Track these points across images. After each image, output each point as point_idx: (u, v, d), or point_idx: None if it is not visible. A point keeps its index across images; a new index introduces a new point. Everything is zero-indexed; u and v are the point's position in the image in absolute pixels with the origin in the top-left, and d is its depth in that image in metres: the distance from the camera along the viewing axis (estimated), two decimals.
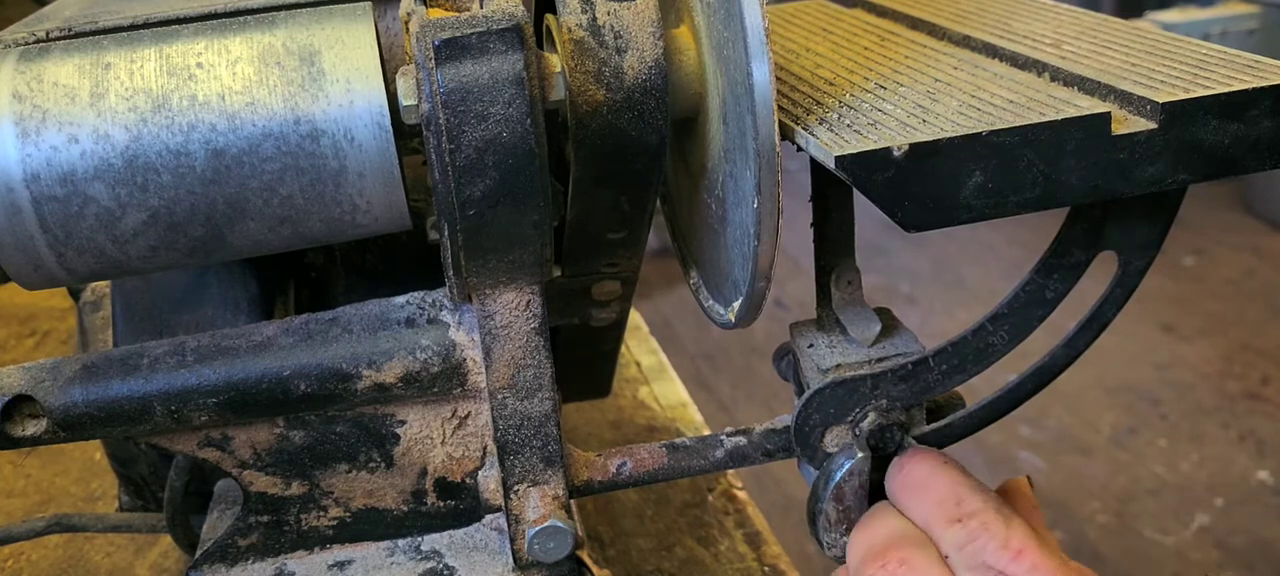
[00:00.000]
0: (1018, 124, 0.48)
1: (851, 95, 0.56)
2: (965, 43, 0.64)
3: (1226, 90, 0.49)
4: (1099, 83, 0.53)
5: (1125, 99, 0.51)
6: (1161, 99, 0.48)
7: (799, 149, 0.53)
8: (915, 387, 0.60)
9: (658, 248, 1.63)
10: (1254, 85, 0.49)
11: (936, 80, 0.56)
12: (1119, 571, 2.44)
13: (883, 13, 0.73)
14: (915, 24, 0.70)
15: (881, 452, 0.60)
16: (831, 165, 0.48)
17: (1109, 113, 0.48)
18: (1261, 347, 3.17)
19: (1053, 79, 0.56)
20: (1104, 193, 0.49)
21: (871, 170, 0.47)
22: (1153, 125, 0.49)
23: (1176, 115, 0.48)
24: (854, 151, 0.47)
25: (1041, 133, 0.48)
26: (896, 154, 0.47)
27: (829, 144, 0.49)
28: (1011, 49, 0.60)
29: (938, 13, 0.69)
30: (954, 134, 0.47)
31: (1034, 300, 0.58)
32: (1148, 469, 2.76)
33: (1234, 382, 3.08)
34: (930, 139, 0.47)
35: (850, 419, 0.60)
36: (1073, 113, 0.49)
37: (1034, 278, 0.58)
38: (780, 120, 0.54)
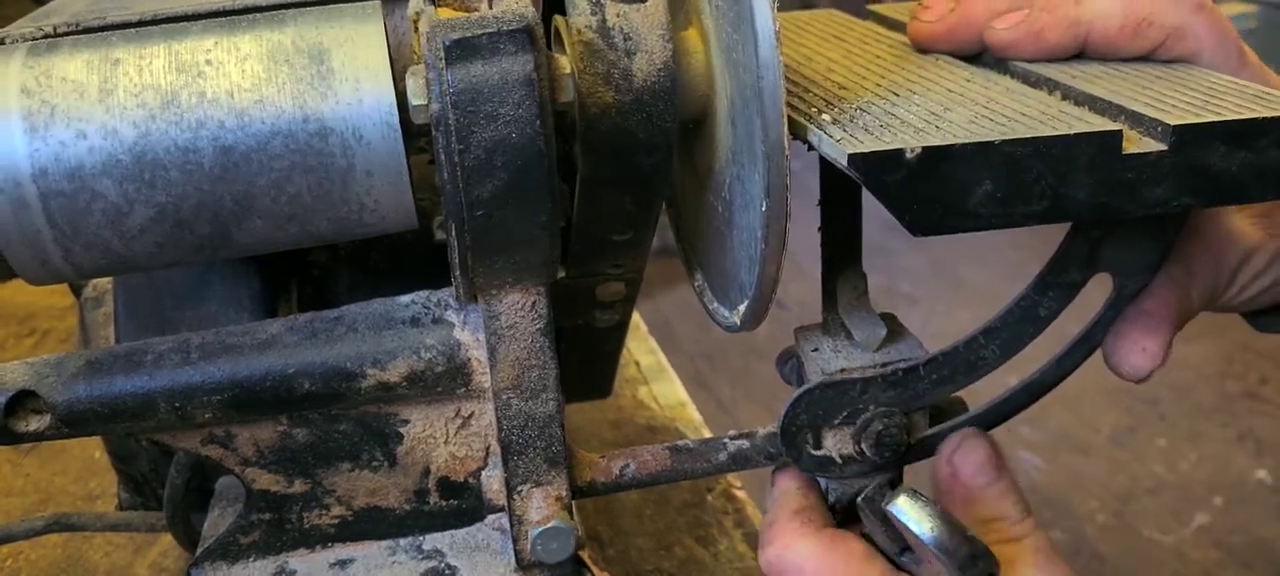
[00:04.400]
0: (1030, 135, 0.48)
1: (864, 99, 0.56)
2: (976, 58, 0.64)
3: (1238, 117, 0.49)
4: (1110, 103, 0.53)
5: (1136, 120, 0.51)
6: (1173, 121, 0.49)
7: (810, 148, 0.53)
8: (904, 395, 0.60)
9: (658, 247, 1.63)
10: (1265, 115, 0.49)
11: (949, 91, 0.56)
12: (1118, 570, 2.44)
13: (894, 26, 0.73)
14: None
15: (882, 456, 0.61)
16: (844, 163, 0.48)
17: (1121, 131, 0.48)
18: (1260, 348, 3.18)
19: (1064, 98, 0.56)
20: (1110, 211, 0.50)
21: (883, 171, 0.47)
22: (1163, 147, 0.49)
23: (1187, 138, 0.48)
24: (867, 150, 0.47)
25: (1053, 145, 0.48)
26: (909, 156, 0.47)
27: (841, 142, 0.49)
28: (1023, 67, 0.60)
29: None
30: (967, 140, 0.48)
31: (1028, 316, 0.59)
32: (1147, 468, 2.77)
33: (1233, 382, 3.08)
34: (943, 144, 0.47)
35: (838, 422, 0.60)
36: (1085, 128, 0.49)
37: (1029, 294, 0.59)
38: (791, 117, 0.53)
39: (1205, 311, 0.65)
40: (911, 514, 0.53)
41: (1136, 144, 0.49)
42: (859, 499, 0.57)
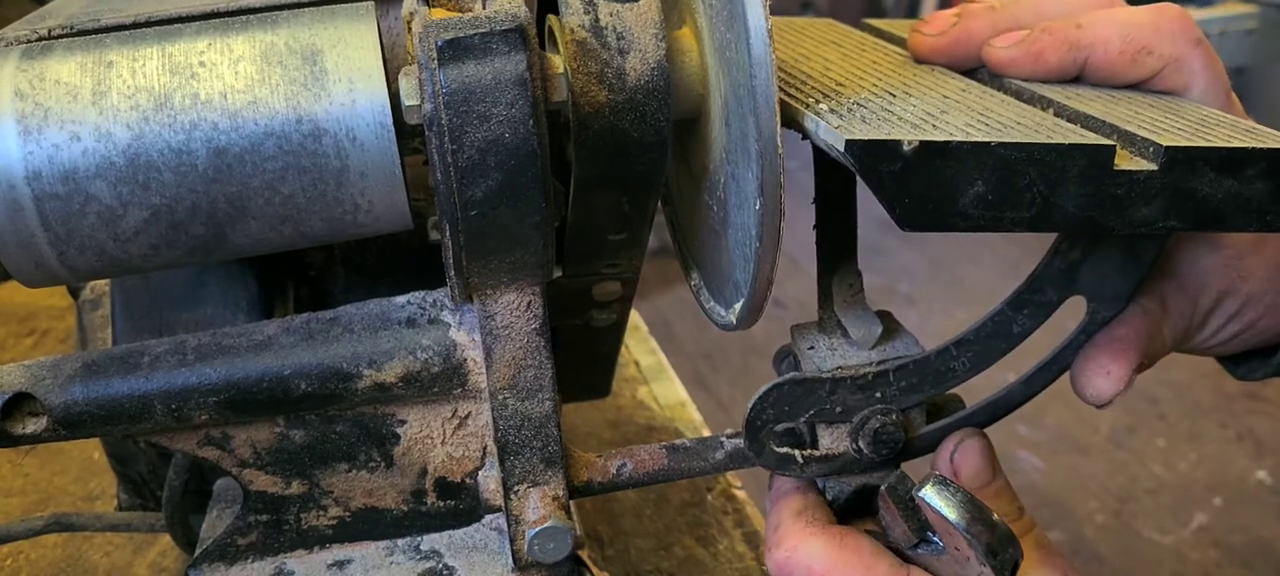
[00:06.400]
0: (1026, 141, 0.48)
1: (861, 96, 0.56)
2: (972, 73, 0.64)
3: (1228, 145, 0.49)
4: (1104, 122, 0.53)
5: (1129, 139, 0.51)
6: (1165, 142, 0.49)
7: (804, 136, 0.53)
8: (871, 398, 0.60)
9: (656, 247, 1.64)
10: (1255, 145, 0.49)
11: (945, 97, 0.57)
12: (1117, 570, 2.44)
13: (891, 39, 0.73)
14: None
15: (880, 454, 0.61)
16: (840, 148, 0.48)
17: (1114, 146, 0.49)
18: None
19: (1058, 115, 0.56)
20: (1096, 225, 0.50)
21: (879, 160, 0.47)
22: (1153, 167, 0.49)
23: (1177, 160, 0.49)
24: (865, 138, 0.47)
25: (1048, 154, 0.48)
26: (906, 148, 0.47)
27: (839, 129, 0.49)
28: (1017, 84, 0.61)
29: None
30: (964, 139, 0.48)
31: (1000, 332, 0.59)
32: (1146, 468, 2.77)
33: (1232, 382, 3.08)
34: (941, 140, 0.47)
35: (804, 420, 0.61)
36: (1079, 139, 0.49)
37: (1004, 310, 0.59)
38: (787, 105, 0.53)
39: (1177, 353, 0.67)
40: (941, 501, 0.53)
41: (1128, 161, 0.49)
42: (882, 488, 0.58)
